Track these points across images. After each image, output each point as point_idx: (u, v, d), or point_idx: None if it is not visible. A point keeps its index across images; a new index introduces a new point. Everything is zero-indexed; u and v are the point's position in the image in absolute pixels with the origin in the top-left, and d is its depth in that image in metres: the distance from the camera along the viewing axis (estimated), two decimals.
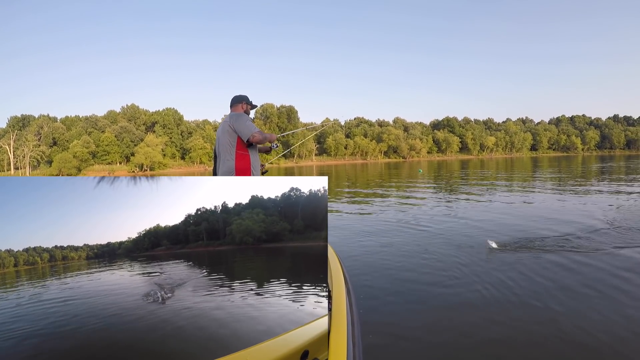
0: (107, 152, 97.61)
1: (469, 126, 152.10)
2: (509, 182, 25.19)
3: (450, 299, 5.28)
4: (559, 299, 5.09)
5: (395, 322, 4.62)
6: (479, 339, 4.18)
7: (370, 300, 5.30)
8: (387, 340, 4.20)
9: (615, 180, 23.61)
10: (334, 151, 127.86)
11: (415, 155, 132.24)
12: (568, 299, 5.07)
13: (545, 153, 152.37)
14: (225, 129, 4.34)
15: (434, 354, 3.97)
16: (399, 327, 4.49)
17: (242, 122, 4.30)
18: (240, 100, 4.62)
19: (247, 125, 4.29)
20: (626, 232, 8.74)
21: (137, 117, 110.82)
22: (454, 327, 4.47)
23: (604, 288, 5.39)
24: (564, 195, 16.87)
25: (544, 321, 4.49)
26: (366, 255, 7.67)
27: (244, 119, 4.34)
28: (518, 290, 5.45)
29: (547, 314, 4.65)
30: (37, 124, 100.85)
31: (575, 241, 7.98)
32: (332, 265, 4.01)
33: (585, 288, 5.40)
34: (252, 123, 4.34)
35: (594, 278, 5.78)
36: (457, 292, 5.49)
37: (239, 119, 4.32)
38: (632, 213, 11.17)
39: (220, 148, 4.41)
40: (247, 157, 4.39)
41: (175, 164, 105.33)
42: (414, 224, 10.72)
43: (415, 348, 4.05)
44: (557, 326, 4.33)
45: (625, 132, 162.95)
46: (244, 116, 4.37)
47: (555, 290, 5.36)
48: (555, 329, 4.27)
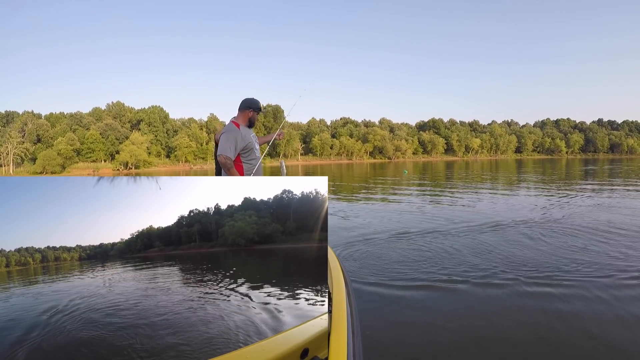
0: (91, 149, 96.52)
1: (454, 128, 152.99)
2: (497, 184, 25.42)
3: (451, 298, 5.36)
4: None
5: (395, 322, 4.68)
6: (479, 338, 4.26)
7: (371, 300, 5.35)
8: (387, 340, 4.26)
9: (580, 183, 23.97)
10: (319, 151, 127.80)
11: (401, 156, 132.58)
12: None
13: (529, 156, 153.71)
14: (217, 141, 4.38)
15: (434, 353, 4.03)
16: (399, 327, 4.55)
17: (223, 136, 4.32)
18: (248, 107, 4.56)
19: (223, 147, 4.28)
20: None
21: (122, 114, 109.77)
22: (454, 326, 4.54)
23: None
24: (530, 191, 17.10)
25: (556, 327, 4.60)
26: (365, 255, 7.74)
27: (226, 138, 4.31)
28: (518, 289, 5.57)
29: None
30: (21, 120, 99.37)
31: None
32: (331, 266, 4.06)
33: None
34: (229, 144, 4.30)
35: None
36: (457, 292, 5.56)
37: (223, 133, 4.34)
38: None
39: (215, 160, 4.42)
40: (240, 169, 4.42)
41: (161, 162, 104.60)
42: (412, 224, 10.86)
43: (415, 348, 4.11)
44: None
45: (609, 136, 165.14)
46: (230, 133, 4.32)
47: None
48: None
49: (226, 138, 4.31)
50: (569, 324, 4.54)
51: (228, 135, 4.32)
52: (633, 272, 6.19)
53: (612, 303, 5.08)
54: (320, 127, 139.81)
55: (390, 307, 5.14)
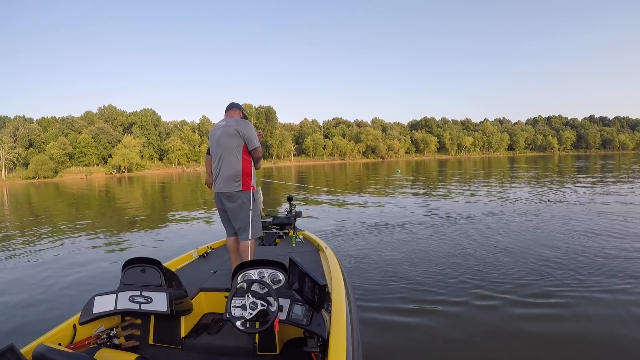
0: (84, 153, 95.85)
1: (446, 126, 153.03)
2: (498, 180, 25.56)
3: (450, 298, 5.42)
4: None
5: (395, 321, 4.75)
6: (479, 338, 4.32)
7: (370, 300, 5.42)
8: (387, 339, 4.33)
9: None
10: (312, 151, 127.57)
11: (394, 156, 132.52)
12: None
13: (522, 153, 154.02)
14: (231, 132, 4.30)
15: (434, 353, 4.08)
16: (399, 327, 4.62)
17: (251, 130, 4.35)
18: (239, 108, 4.67)
19: (256, 136, 4.38)
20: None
21: (114, 118, 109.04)
22: (454, 326, 4.61)
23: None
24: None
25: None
26: (365, 255, 7.85)
27: (253, 128, 4.39)
28: (519, 289, 5.67)
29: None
30: (13, 125, 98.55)
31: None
32: (331, 266, 4.15)
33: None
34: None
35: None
36: (457, 292, 5.64)
37: (248, 127, 4.34)
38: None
39: (223, 151, 4.34)
40: (250, 162, 4.41)
41: (153, 165, 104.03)
42: (410, 224, 11.01)
43: (415, 347, 4.17)
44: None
45: (600, 133, 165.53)
46: (251, 125, 4.40)
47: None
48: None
49: (252, 128, 4.41)
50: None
51: (250, 125, 4.41)
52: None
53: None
54: (313, 128, 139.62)
55: (390, 307, 5.20)
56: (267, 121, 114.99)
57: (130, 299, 3.06)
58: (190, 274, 4.34)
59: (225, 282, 3.87)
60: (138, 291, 3.08)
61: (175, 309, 3.01)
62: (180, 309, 3.13)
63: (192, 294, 3.65)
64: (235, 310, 2.79)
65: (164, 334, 3.30)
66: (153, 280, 3.14)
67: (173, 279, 3.27)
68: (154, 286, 3.11)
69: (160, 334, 3.30)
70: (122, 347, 3.17)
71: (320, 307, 2.68)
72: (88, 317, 3.06)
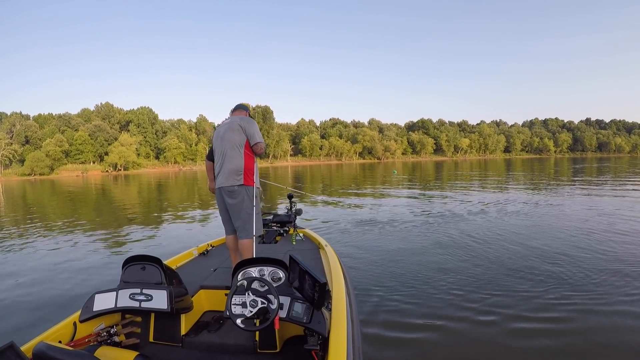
0: (80, 151, 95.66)
1: (443, 128, 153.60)
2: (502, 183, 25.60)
3: (451, 298, 5.42)
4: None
5: (394, 321, 4.74)
6: (478, 338, 4.31)
7: (370, 300, 5.42)
8: (387, 339, 4.32)
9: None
10: (309, 152, 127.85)
11: (390, 157, 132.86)
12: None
13: (518, 155, 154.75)
14: (234, 128, 4.36)
15: (434, 353, 4.07)
16: (399, 326, 4.61)
17: (254, 127, 4.41)
18: (245, 109, 4.74)
19: (259, 132, 4.44)
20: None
21: (111, 115, 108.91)
22: (454, 326, 4.60)
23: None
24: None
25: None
26: (365, 253, 7.87)
27: (256, 125, 4.45)
28: (520, 288, 5.68)
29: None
30: (9, 121, 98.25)
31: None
32: (332, 264, 4.15)
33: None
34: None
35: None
36: (457, 292, 5.63)
37: (252, 123, 4.41)
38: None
39: (226, 146, 4.38)
40: (253, 159, 4.44)
41: (150, 163, 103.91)
42: (406, 222, 11.07)
43: (415, 347, 4.16)
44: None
45: (597, 135, 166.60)
46: (255, 123, 4.47)
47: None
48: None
49: (256, 125, 4.48)
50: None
51: (253, 122, 4.48)
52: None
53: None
54: (310, 128, 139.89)
55: (389, 307, 5.19)
56: (264, 121, 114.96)
57: (130, 296, 3.06)
58: (191, 272, 4.35)
59: (225, 280, 3.87)
60: (138, 289, 3.08)
61: (175, 306, 3.01)
62: (180, 306, 3.13)
63: (193, 292, 3.65)
64: (235, 308, 2.78)
65: (164, 331, 3.29)
66: (153, 278, 3.14)
67: (173, 276, 3.27)
68: (154, 284, 3.11)
69: (161, 331, 3.30)
70: (122, 345, 3.17)
71: (320, 305, 2.68)
72: (88, 315, 3.06)
